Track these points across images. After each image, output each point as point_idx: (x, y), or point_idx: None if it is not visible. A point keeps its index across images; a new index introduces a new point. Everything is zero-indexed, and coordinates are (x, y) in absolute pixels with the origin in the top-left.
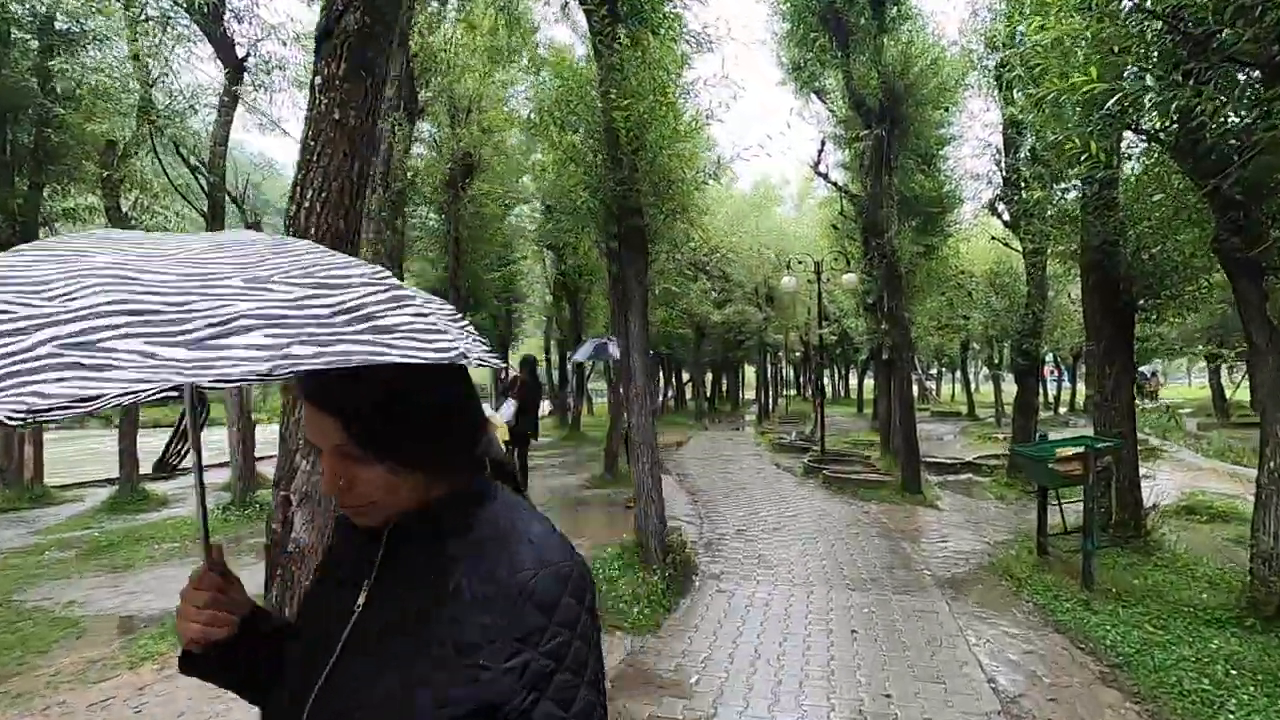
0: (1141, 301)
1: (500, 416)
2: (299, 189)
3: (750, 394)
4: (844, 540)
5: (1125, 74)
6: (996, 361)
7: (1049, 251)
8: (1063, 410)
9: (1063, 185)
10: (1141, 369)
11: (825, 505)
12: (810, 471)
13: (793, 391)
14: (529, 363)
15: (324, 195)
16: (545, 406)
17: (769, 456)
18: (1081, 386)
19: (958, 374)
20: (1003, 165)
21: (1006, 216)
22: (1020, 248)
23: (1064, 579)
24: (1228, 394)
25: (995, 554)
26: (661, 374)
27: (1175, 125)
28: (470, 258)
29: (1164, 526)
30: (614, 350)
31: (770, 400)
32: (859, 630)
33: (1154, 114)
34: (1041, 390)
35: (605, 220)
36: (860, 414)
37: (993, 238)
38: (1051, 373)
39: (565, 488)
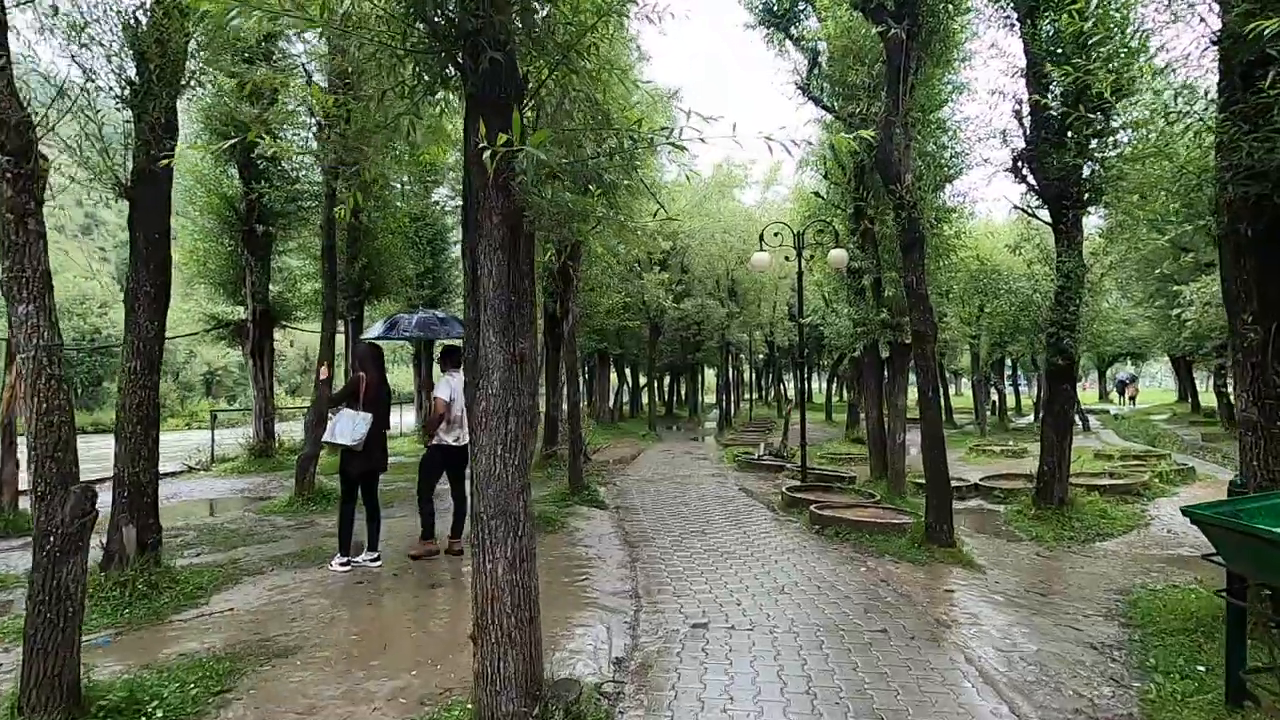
0: None
1: (348, 437)
2: None
3: (710, 398)
4: (870, 651)
5: None
6: (983, 361)
7: (1163, 194)
8: (1025, 420)
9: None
10: (1119, 374)
11: (822, 566)
12: (792, 504)
13: (755, 395)
14: (365, 354)
15: None
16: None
17: (735, 478)
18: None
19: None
20: (1025, 115)
21: (1032, 179)
22: (1049, 218)
23: None
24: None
25: (1118, 673)
26: (614, 374)
27: None
28: (367, 232)
29: None
30: (416, 329)
31: (733, 406)
32: None
33: None
34: (997, 396)
35: (437, 61)
36: (830, 421)
37: (1015, 206)
38: (1008, 379)
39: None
